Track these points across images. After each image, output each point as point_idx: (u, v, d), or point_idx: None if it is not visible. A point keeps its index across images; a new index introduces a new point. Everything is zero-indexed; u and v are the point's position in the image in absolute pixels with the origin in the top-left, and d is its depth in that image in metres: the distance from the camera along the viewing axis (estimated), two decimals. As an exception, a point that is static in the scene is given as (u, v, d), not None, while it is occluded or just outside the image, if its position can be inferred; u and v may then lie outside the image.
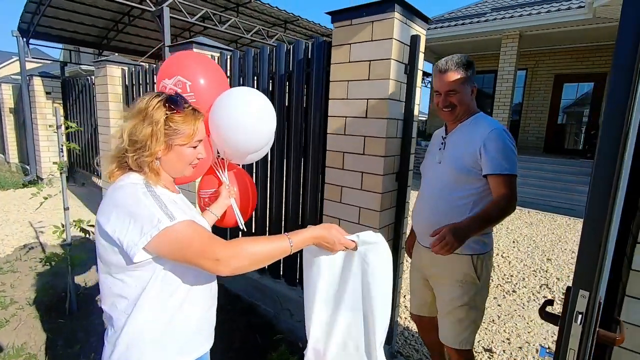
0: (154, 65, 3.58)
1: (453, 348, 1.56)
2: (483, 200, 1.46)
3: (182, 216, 0.87)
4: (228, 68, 2.86)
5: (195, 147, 1.01)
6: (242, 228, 1.58)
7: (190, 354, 1.02)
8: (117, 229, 0.85)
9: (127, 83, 4.03)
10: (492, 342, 2.52)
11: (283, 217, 2.59)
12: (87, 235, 2.62)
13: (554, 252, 4.31)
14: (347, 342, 1.15)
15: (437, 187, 1.55)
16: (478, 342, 2.51)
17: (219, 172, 1.53)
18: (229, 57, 2.85)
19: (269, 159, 2.62)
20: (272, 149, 2.54)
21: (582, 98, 9.62)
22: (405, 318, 2.77)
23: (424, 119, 14.41)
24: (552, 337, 2.65)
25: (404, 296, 3.01)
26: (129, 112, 0.96)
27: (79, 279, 3.02)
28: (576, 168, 7.14)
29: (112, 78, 4.02)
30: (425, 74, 11.54)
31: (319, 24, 8.03)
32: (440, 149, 1.60)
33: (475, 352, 2.40)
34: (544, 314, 0.98)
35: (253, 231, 2.83)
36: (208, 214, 1.43)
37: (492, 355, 2.37)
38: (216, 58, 2.95)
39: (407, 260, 4.49)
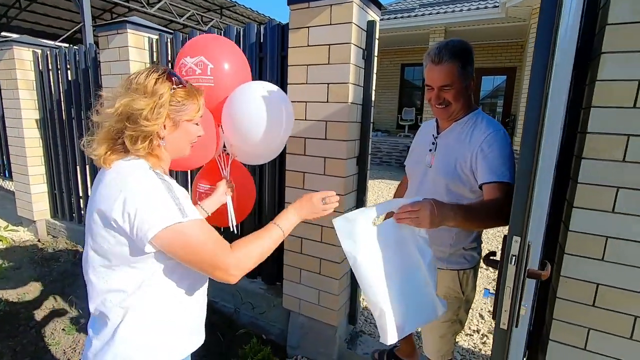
0: (78, 48, 3.17)
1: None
2: None
3: (194, 214, 0.85)
4: (169, 53, 2.65)
5: (197, 125, 0.99)
6: (232, 229, 1.49)
7: (186, 349, 1.00)
8: (131, 215, 0.80)
9: (41, 67, 3.51)
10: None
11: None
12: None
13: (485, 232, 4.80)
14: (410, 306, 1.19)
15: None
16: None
17: (221, 167, 1.44)
18: (169, 40, 2.64)
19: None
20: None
21: (496, 90, 10.75)
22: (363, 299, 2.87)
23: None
24: (487, 305, 2.95)
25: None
26: (118, 89, 0.89)
27: (-4, 295, 2.60)
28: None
29: (21, 62, 3.46)
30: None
31: (257, 12, 7.82)
32: (430, 150, 1.42)
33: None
34: (487, 261, 1.11)
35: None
36: (198, 209, 1.33)
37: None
38: (154, 41, 2.71)
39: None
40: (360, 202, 2.04)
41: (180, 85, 0.92)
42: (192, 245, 0.83)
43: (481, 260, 1.45)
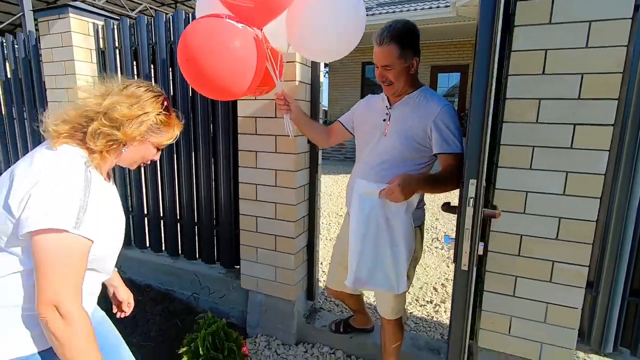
0: (16, 36, 2.99)
1: (388, 319, 1.64)
2: None
3: (86, 231, 0.82)
4: (116, 40, 2.58)
5: (157, 150, 1.04)
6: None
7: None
8: (31, 199, 0.78)
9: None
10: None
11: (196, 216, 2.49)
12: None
13: (441, 213, 5.05)
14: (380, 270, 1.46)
15: (383, 159, 1.48)
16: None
17: (272, 70, 1.43)
18: (115, 26, 2.57)
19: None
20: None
21: (452, 87, 11.30)
22: (324, 280, 2.95)
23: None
24: (445, 276, 3.13)
25: (321, 263, 3.19)
26: (111, 86, 0.94)
27: None
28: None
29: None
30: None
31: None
32: (384, 119, 1.51)
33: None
34: (445, 208, 1.24)
35: (162, 231, 2.64)
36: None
37: (400, 298, 2.70)
38: (99, 27, 2.63)
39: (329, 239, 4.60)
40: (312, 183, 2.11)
41: (167, 113, 1.00)
42: (49, 254, 0.78)
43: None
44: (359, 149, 1.66)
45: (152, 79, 2.48)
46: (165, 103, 0.99)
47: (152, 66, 2.48)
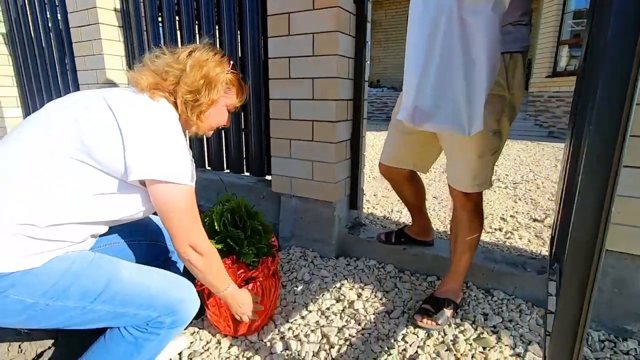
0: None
1: (464, 192, 1.23)
2: None
3: (194, 181, 0.89)
4: None
5: (229, 113, 1.09)
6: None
7: None
8: (153, 147, 0.82)
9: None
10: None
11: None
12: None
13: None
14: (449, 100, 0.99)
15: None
16: (445, 216, 2.39)
17: None
18: None
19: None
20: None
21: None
22: (368, 208, 2.56)
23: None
24: (513, 209, 2.62)
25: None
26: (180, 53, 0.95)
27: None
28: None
29: None
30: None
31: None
32: None
33: (444, 224, 2.27)
34: None
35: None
36: None
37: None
38: None
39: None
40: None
41: (235, 71, 1.02)
42: (172, 201, 0.85)
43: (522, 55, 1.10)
44: None
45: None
46: (231, 62, 1.01)
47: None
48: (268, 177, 2.08)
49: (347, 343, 1.21)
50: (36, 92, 3.24)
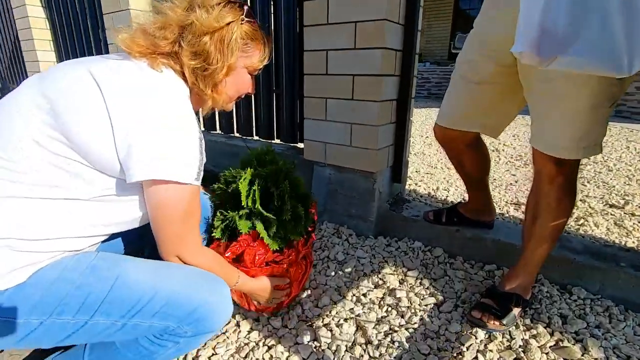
0: None
1: (558, 158, 0.90)
2: None
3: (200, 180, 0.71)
4: None
5: (250, 77, 0.86)
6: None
7: None
8: (138, 137, 0.63)
9: None
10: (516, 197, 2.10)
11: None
12: None
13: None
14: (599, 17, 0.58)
15: None
16: (501, 197, 2.08)
17: None
18: None
19: None
20: None
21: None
22: (411, 182, 2.29)
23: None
24: (584, 192, 2.24)
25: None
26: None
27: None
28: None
29: None
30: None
31: None
32: None
33: (499, 206, 1.96)
34: None
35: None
36: None
37: (518, 207, 1.94)
38: None
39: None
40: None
41: (251, 22, 0.77)
42: (167, 203, 0.68)
43: None
44: None
45: None
46: (246, 8, 0.77)
47: None
48: (300, 145, 1.87)
49: (388, 339, 1.00)
50: (72, 57, 3.20)
